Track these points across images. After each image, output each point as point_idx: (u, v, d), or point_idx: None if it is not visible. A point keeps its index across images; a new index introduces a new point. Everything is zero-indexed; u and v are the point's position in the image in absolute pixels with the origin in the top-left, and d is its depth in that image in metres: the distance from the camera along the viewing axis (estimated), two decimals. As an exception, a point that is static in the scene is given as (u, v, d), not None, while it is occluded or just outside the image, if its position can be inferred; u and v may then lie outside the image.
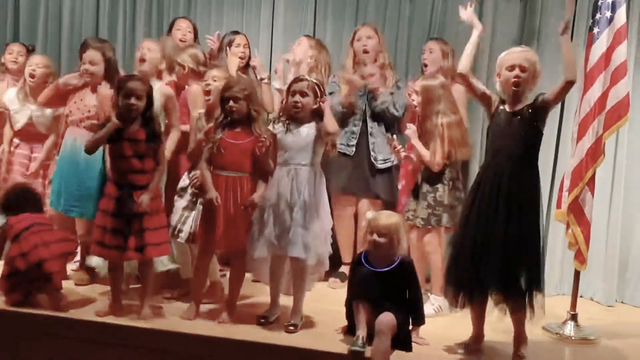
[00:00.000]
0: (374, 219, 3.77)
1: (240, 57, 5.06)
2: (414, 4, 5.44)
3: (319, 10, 5.63)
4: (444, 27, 5.33)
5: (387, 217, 3.79)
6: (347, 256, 5.01)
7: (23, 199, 4.27)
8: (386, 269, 3.72)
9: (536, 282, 3.63)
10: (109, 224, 3.92)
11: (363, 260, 3.79)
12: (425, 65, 4.84)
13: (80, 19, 6.11)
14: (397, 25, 5.47)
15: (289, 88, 4.02)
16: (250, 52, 5.18)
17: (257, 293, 4.50)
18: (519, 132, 3.64)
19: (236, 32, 5.24)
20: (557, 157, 5.08)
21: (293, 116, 3.97)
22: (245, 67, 5.14)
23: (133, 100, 3.90)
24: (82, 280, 4.56)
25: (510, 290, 3.61)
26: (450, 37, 5.19)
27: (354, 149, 4.88)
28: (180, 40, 5.17)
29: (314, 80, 4.02)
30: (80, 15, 6.11)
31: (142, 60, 4.66)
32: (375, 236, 3.72)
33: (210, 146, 3.95)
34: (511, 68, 3.67)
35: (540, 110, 3.65)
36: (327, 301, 4.41)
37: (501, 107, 3.73)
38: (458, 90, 4.71)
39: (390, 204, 4.78)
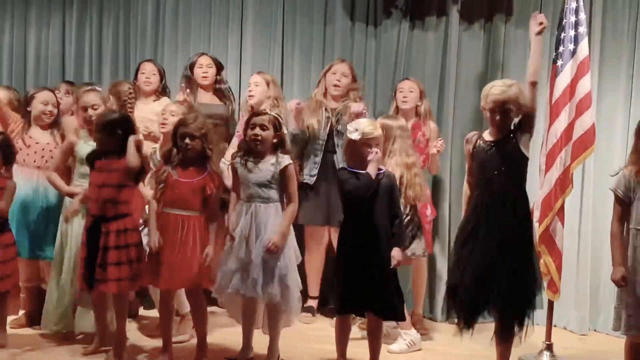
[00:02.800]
0: (368, 132, 3.71)
1: (203, 77, 5.19)
2: (379, 41, 5.47)
3: (286, 45, 5.63)
4: (409, 64, 5.38)
5: (375, 126, 3.80)
6: (314, 289, 5.01)
7: None
8: (377, 172, 3.70)
9: (531, 306, 3.67)
10: (83, 254, 3.92)
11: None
12: (405, 102, 4.87)
13: (46, 59, 6.05)
14: (363, 61, 5.49)
15: (248, 121, 3.98)
16: (216, 70, 5.27)
17: (232, 333, 4.42)
18: (505, 163, 3.67)
19: (201, 54, 5.32)
20: (525, 188, 5.12)
21: (253, 150, 3.93)
22: (215, 85, 5.28)
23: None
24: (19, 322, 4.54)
25: (508, 314, 3.65)
26: (417, 73, 5.25)
27: (314, 179, 4.89)
28: (145, 83, 5.18)
29: (274, 114, 4.00)
30: (46, 56, 6.05)
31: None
32: (375, 148, 3.71)
33: (162, 186, 3.87)
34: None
35: (525, 124, 3.69)
36: (302, 339, 4.38)
37: (480, 141, 3.76)
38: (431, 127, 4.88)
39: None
